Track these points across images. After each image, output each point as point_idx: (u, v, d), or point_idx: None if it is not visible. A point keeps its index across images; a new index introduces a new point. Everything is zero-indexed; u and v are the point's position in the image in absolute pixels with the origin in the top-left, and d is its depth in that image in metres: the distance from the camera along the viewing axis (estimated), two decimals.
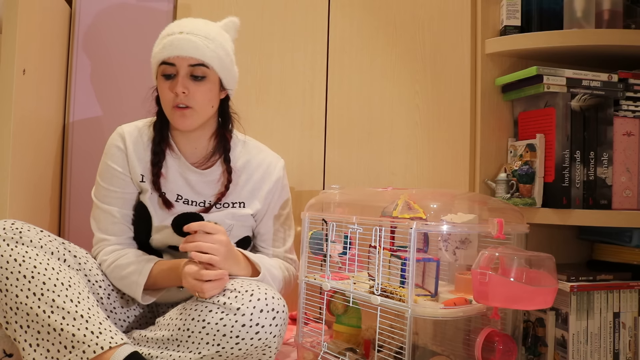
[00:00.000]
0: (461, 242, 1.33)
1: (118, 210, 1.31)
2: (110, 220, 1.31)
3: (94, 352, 1.05)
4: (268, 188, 1.38)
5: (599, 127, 1.47)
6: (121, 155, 1.32)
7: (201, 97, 1.27)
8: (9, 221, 1.14)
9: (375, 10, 1.76)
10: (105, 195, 1.32)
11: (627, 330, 1.41)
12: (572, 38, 1.47)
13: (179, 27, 1.26)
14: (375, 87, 1.76)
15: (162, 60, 1.25)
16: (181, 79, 1.24)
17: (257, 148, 1.42)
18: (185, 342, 1.14)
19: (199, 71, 1.25)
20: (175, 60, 1.24)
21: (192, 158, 1.35)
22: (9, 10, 1.35)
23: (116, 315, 1.28)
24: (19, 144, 1.41)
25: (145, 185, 1.32)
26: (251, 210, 1.37)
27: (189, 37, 1.24)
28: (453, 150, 1.67)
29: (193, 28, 1.26)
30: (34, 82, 1.49)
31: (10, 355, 1.19)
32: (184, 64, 1.24)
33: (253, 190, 1.38)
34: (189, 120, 1.27)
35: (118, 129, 1.35)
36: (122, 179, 1.32)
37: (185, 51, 1.23)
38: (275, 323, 1.14)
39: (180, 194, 1.33)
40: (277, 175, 1.40)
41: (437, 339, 1.30)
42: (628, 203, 1.48)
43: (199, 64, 1.25)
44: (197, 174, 1.34)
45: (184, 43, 1.23)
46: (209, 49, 1.25)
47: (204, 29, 1.27)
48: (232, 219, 1.35)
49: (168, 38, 1.25)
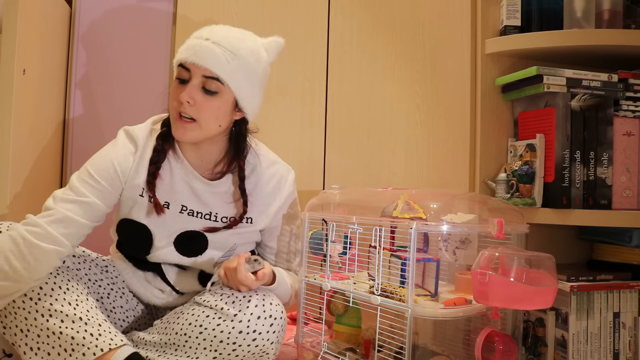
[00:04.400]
0: (461, 242, 1.33)
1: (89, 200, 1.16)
2: (74, 203, 1.15)
3: (93, 355, 1.05)
4: (279, 205, 1.32)
5: (599, 127, 1.47)
6: (128, 159, 1.23)
7: (207, 112, 1.17)
8: (4, 224, 1.13)
9: (375, 10, 1.76)
10: (86, 182, 1.18)
11: (627, 330, 1.41)
12: (572, 38, 1.47)
13: (208, 33, 1.17)
14: (375, 87, 1.75)
15: (179, 61, 1.18)
16: (190, 87, 1.16)
17: (268, 160, 1.33)
18: (182, 347, 1.13)
19: (212, 85, 1.16)
20: (190, 67, 1.16)
21: (199, 169, 1.27)
22: (9, 10, 1.35)
23: (116, 314, 1.27)
24: (19, 144, 1.41)
25: (143, 200, 1.24)
26: (259, 226, 1.31)
27: (212, 47, 1.15)
28: (453, 150, 1.67)
29: (222, 38, 1.16)
30: (34, 82, 1.49)
31: (9, 356, 1.19)
32: (198, 73, 1.16)
33: (262, 206, 1.31)
34: (189, 134, 1.18)
35: (128, 131, 1.25)
36: (113, 179, 1.20)
37: (202, 60, 1.14)
38: (273, 330, 1.13)
39: (186, 204, 1.26)
40: (288, 190, 1.34)
41: (437, 339, 1.30)
42: (628, 203, 1.48)
43: (213, 77, 1.16)
44: (204, 184, 1.26)
45: (205, 52, 1.14)
46: (229, 65, 1.15)
47: (234, 43, 1.17)
48: (236, 238, 1.29)
49: (193, 41, 1.17)
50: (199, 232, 1.27)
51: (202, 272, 1.33)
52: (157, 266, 1.31)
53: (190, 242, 1.27)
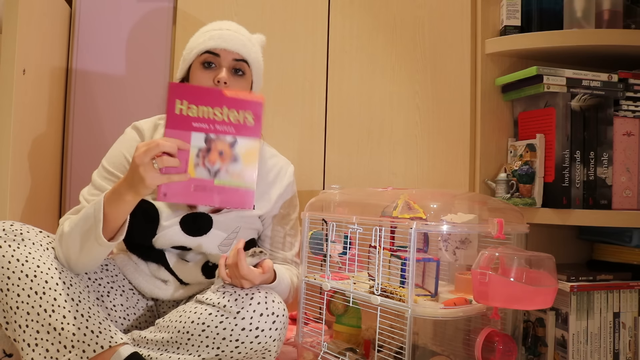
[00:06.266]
0: (461, 242, 1.33)
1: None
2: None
3: (93, 352, 1.06)
4: (279, 192, 1.40)
5: (599, 127, 1.47)
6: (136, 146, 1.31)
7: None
8: (7, 222, 1.14)
9: (375, 10, 1.76)
10: (105, 177, 1.30)
11: (627, 330, 1.41)
12: (572, 38, 1.47)
13: (226, 25, 1.32)
14: (375, 87, 1.76)
15: (207, 49, 1.28)
16: (225, 69, 1.28)
17: (270, 152, 1.44)
18: (184, 345, 1.14)
19: (243, 66, 1.30)
20: (221, 52, 1.28)
21: None
22: (9, 10, 1.35)
23: (116, 313, 1.28)
24: (19, 144, 1.41)
25: None
26: (260, 211, 1.37)
27: (236, 35, 1.30)
28: (453, 150, 1.67)
29: (239, 29, 1.33)
30: (34, 82, 1.49)
31: (10, 355, 1.19)
32: (228, 57, 1.28)
33: (263, 193, 1.38)
34: None
35: (134, 124, 1.34)
36: (127, 169, 1.27)
37: (232, 45, 1.28)
38: (275, 327, 1.14)
39: None
40: (289, 180, 1.42)
41: (437, 339, 1.30)
42: (628, 203, 1.48)
43: (242, 59, 1.29)
44: None
45: (233, 38, 1.29)
46: (252, 50, 1.32)
47: (247, 34, 1.34)
48: (239, 221, 1.34)
49: (216, 32, 1.29)
50: (204, 213, 1.32)
51: (205, 264, 1.35)
52: (161, 256, 1.33)
53: (195, 221, 1.31)
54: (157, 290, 1.34)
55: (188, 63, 1.31)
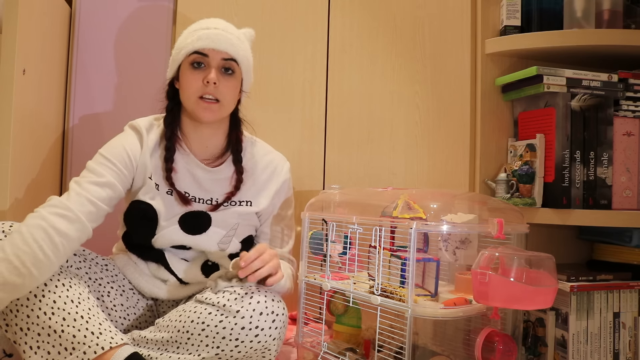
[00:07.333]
0: (461, 242, 1.33)
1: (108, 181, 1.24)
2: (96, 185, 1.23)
3: (94, 353, 1.05)
4: (275, 188, 1.40)
5: (599, 127, 1.47)
6: (137, 144, 1.31)
7: (228, 91, 1.30)
8: (7, 223, 1.14)
9: (375, 10, 1.76)
10: (101, 163, 1.26)
11: (627, 330, 1.41)
12: (572, 38, 1.47)
13: (213, 24, 1.30)
14: (375, 87, 1.76)
15: (195, 49, 1.27)
16: (214, 70, 1.27)
17: (265, 149, 1.44)
18: (184, 344, 1.14)
19: (231, 65, 1.29)
20: (209, 52, 1.27)
21: (202, 155, 1.36)
22: (9, 10, 1.35)
23: (116, 313, 1.28)
24: (19, 144, 1.41)
25: (152, 182, 1.31)
26: (257, 208, 1.38)
27: (224, 34, 1.29)
28: (453, 150, 1.67)
29: (226, 27, 1.31)
30: (34, 82, 1.49)
31: (10, 355, 1.19)
32: (217, 57, 1.28)
33: (259, 190, 1.39)
34: (215, 114, 1.29)
35: (132, 124, 1.34)
36: (127, 162, 1.28)
37: (220, 45, 1.27)
38: (275, 326, 1.14)
39: (188, 191, 1.33)
40: (285, 176, 1.42)
41: (437, 339, 1.30)
42: (628, 203, 1.48)
43: (231, 58, 1.29)
44: (205, 172, 1.34)
45: (221, 37, 1.28)
46: (240, 48, 1.31)
47: (236, 32, 1.32)
48: (237, 218, 1.35)
49: (204, 31, 1.28)
50: (202, 211, 1.33)
51: (204, 263, 1.35)
52: (161, 256, 1.33)
53: (194, 219, 1.32)
54: (157, 290, 1.34)
55: (177, 63, 1.31)
